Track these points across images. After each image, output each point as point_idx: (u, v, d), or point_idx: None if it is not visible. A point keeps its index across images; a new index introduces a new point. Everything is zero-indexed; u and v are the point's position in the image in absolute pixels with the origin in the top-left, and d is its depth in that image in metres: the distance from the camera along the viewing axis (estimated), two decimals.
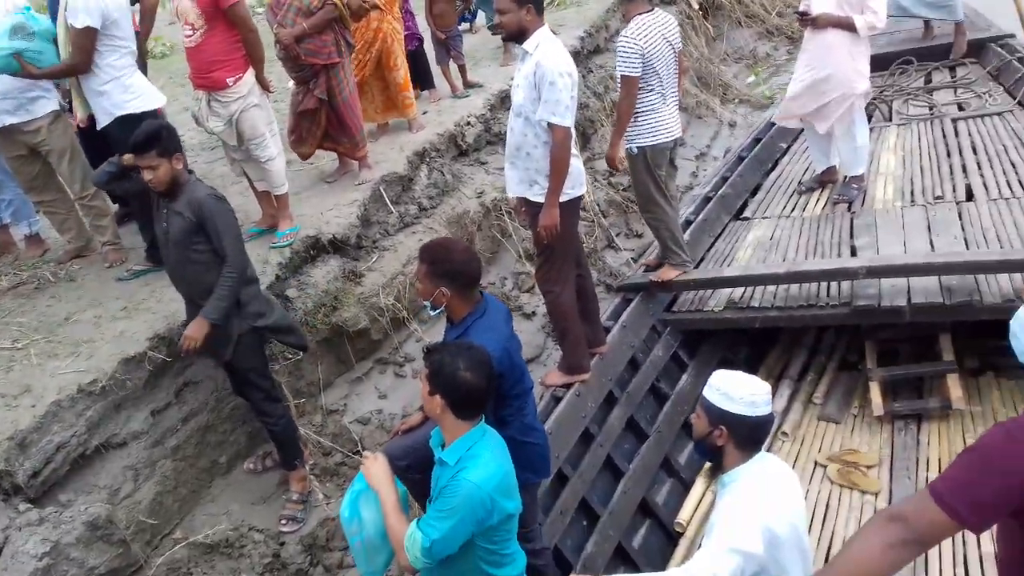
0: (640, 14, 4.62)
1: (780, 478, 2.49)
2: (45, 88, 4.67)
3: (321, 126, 5.66)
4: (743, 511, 2.33)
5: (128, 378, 3.93)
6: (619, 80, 4.70)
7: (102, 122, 4.47)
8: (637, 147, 4.77)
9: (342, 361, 5.01)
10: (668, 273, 5.27)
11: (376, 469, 2.79)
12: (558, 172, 3.97)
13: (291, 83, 5.78)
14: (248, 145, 4.83)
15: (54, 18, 4.50)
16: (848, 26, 5.59)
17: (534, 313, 5.92)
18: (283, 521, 4.11)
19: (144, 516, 3.81)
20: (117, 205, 5.44)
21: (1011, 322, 1.89)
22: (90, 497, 3.64)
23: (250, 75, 4.71)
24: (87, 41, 4.23)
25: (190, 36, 4.54)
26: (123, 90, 4.39)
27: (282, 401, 4.15)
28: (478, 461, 2.55)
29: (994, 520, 1.82)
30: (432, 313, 3.14)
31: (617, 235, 6.93)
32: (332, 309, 4.88)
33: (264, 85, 4.86)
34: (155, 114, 4.44)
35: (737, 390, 2.42)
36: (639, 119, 4.73)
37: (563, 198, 4.05)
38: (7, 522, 3.33)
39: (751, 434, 2.44)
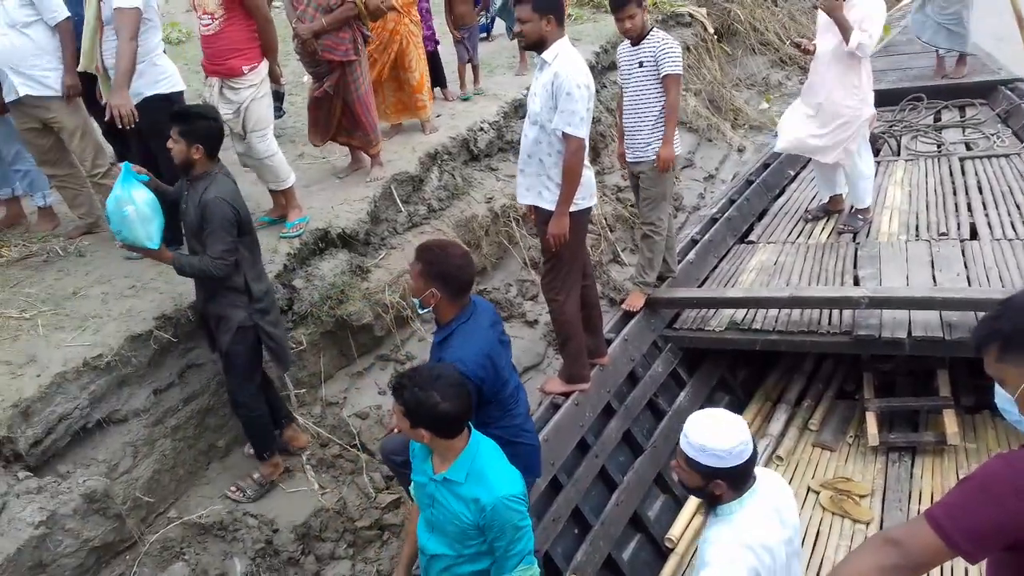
0: None
1: (774, 505, 2.47)
2: (60, 63, 4.67)
3: (335, 117, 5.69)
4: (734, 554, 2.33)
5: (133, 355, 3.95)
6: (661, 80, 4.82)
7: (134, 101, 4.44)
8: None
9: (344, 354, 5.03)
10: (638, 300, 5.36)
11: None
12: (570, 181, 4.01)
13: (306, 77, 5.79)
14: (251, 136, 4.80)
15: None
16: (845, 32, 5.51)
17: (536, 321, 5.95)
18: (233, 488, 4.15)
19: (141, 493, 3.82)
20: None
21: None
22: (89, 470, 3.65)
23: (264, 66, 4.73)
24: (136, 23, 4.13)
25: (208, 25, 4.54)
26: (156, 70, 4.39)
27: (255, 394, 4.04)
28: (490, 474, 2.69)
29: (989, 551, 1.79)
30: (420, 311, 3.19)
31: (623, 250, 6.97)
32: (338, 302, 4.90)
33: (275, 76, 4.88)
34: (180, 97, 4.46)
35: (721, 446, 2.34)
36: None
37: (573, 208, 4.09)
38: (6, 488, 3.33)
39: (744, 475, 2.42)
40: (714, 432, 2.38)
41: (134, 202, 3.44)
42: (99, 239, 5.00)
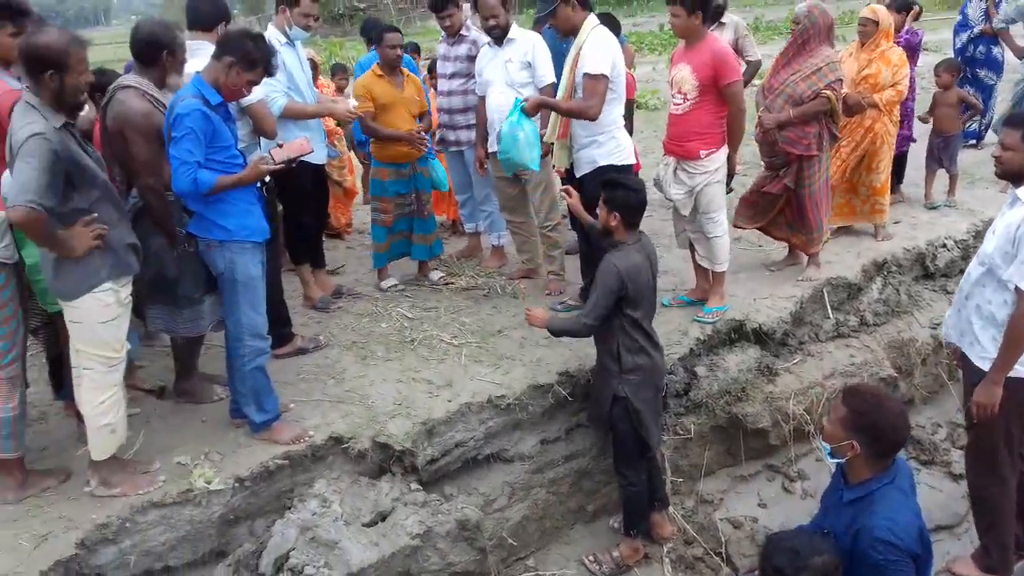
0: None
1: None
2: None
3: (777, 210, 5.47)
4: None
5: (531, 403, 4.17)
6: None
7: (583, 170, 4.69)
8: None
9: (731, 453, 4.80)
10: None
11: None
12: (1014, 345, 3.35)
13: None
14: (701, 217, 4.80)
15: (559, 63, 4.92)
16: None
17: (961, 475, 5.07)
18: (591, 557, 4.15)
19: (507, 534, 4.00)
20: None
21: None
22: (468, 499, 3.92)
23: (723, 152, 4.67)
24: (601, 88, 4.38)
25: (679, 105, 4.63)
26: (613, 143, 4.60)
27: (639, 471, 4.01)
28: None
29: None
30: (830, 460, 2.90)
31: None
32: (736, 399, 4.70)
33: (732, 165, 4.80)
34: (630, 169, 4.64)
35: None
36: None
37: (1012, 374, 3.41)
38: (398, 494, 3.71)
39: None
40: None
41: (524, 129, 4.34)
42: (534, 285, 5.42)
